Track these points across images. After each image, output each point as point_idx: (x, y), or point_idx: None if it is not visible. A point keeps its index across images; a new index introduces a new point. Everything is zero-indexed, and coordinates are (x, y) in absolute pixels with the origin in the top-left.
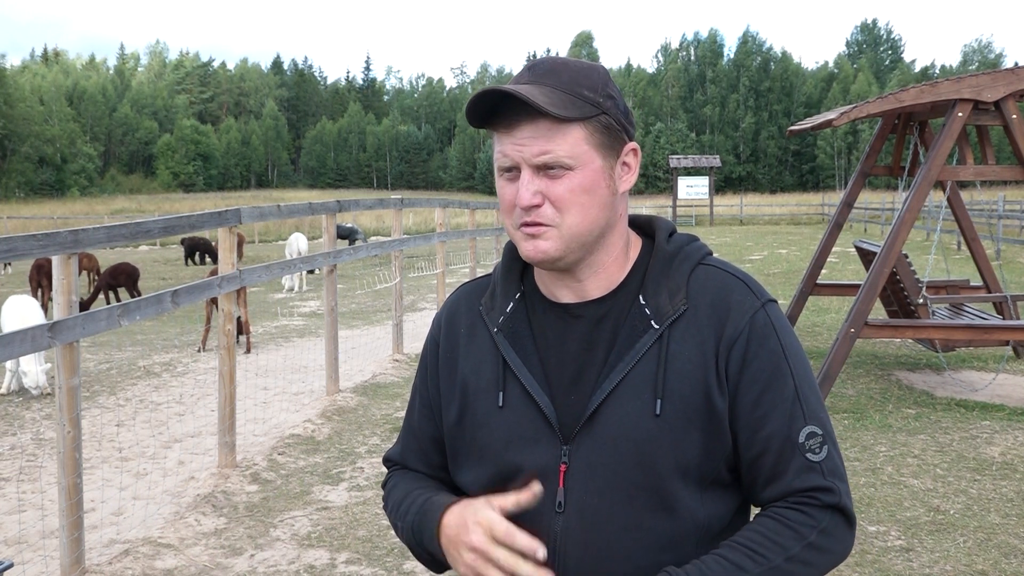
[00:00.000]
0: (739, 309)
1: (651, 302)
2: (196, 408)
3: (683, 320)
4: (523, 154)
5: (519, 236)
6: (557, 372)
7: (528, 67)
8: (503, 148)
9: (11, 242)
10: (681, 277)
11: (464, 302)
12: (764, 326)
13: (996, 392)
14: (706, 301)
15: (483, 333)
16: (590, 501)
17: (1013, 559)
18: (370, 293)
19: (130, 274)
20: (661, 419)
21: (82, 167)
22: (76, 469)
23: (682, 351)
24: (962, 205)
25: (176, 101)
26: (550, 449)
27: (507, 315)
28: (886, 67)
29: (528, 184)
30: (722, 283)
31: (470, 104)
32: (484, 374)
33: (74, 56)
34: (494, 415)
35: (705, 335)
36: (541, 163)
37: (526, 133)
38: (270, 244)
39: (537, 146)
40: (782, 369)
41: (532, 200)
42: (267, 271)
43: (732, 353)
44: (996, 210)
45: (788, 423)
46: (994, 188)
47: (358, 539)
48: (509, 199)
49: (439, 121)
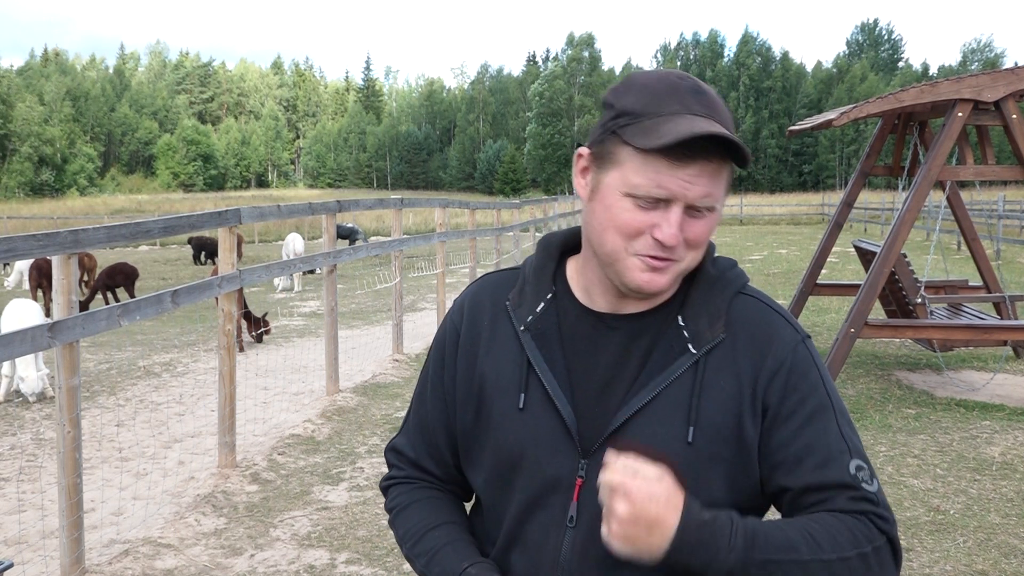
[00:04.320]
0: (781, 342)
1: (690, 325)
2: (196, 408)
3: (720, 348)
4: (687, 192)
5: (635, 264)
6: (583, 381)
7: (687, 90)
8: (661, 179)
9: (11, 242)
10: (722, 304)
11: (489, 293)
12: (805, 360)
13: (996, 392)
14: (746, 332)
15: (507, 329)
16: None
17: (1013, 559)
18: (370, 293)
19: (128, 274)
20: (692, 447)
21: (82, 167)
22: (76, 469)
23: (717, 380)
24: (962, 205)
25: (176, 101)
26: (567, 460)
27: (536, 315)
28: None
29: (678, 222)
30: (762, 316)
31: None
32: (505, 372)
33: (74, 56)
34: (513, 417)
35: (742, 366)
36: (699, 204)
37: (695, 171)
38: (270, 244)
39: (703, 187)
40: (824, 403)
41: (678, 239)
42: (267, 271)
43: (772, 384)
44: (996, 210)
45: (836, 457)
46: (994, 188)
47: (358, 539)
48: (636, 226)
49: (439, 121)
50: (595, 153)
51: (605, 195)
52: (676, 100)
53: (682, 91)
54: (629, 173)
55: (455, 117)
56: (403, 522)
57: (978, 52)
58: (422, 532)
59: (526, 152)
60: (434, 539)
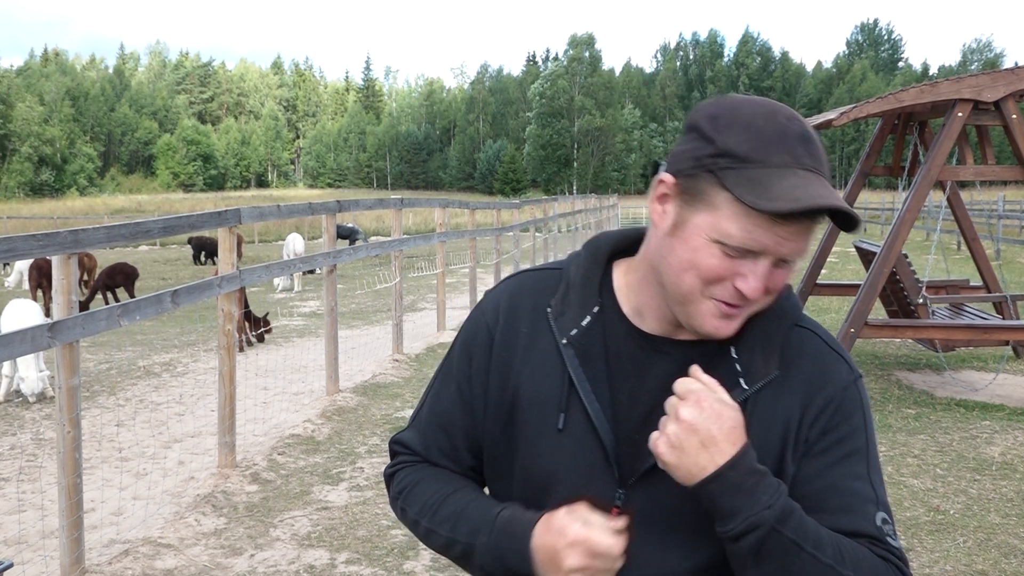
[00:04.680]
0: (834, 381)
1: (744, 358)
2: (196, 408)
3: (771, 384)
4: (783, 249)
5: (708, 309)
6: (626, 406)
7: (797, 138)
8: (758, 234)
9: (11, 242)
10: (777, 337)
11: (529, 295)
12: (853, 400)
13: (996, 392)
14: (800, 369)
15: (548, 340)
16: (637, 552)
17: (1013, 559)
18: (370, 293)
19: (128, 274)
20: None
21: (82, 167)
22: (76, 469)
23: (766, 415)
24: (962, 205)
25: (176, 101)
26: (603, 488)
27: (582, 328)
28: (887, 67)
29: (765, 275)
30: (818, 352)
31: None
32: (543, 387)
33: (74, 56)
34: (550, 436)
35: (792, 403)
36: (788, 259)
37: (794, 230)
38: (270, 244)
39: (798, 245)
40: (860, 448)
41: (761, 293)
42: (267, 271)
43: (817, 421)
44: (996, 210)
45: (862, 505)
46: (994, 188)
47: (358, 539)
48: (720, 273)
49: (439, 121)
50: (683, 186)
51: (691, 236)
52: (785, 149)
53: (791, 138)
54: (723, 220)
55: (455, 117)
56: (417, 498)
57: (978, 52)
58: (441, 499)
59: (525, 153)
60: (456, 502)
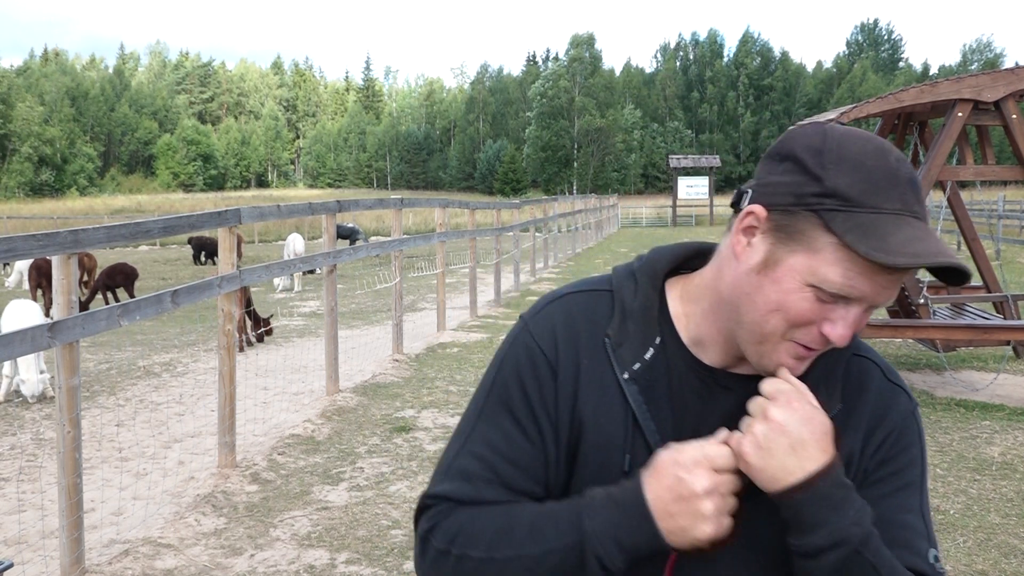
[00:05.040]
0: (896, 413)
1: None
2: (196, 408)
3: (835, 420)
4: (879, 298)
5: (786, 350)
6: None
7: (910, 183)
8: (858, 283)
9: (11, 242)
10: (839, 371)
11: (585, 325)
12: (912, 432)
13: (996, 392)
14: (863, 403)
15: (607, 373)
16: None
17: (1013, 559)
18: (370, 293)
19: (128, 275)
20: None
21: (82, 167)
22: (76, 469)
23: None
24: (962, 205)
25: (176, 101)
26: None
27: (645, 363)
28: (887, 67)
29: (856, 322)
30: (880, 385)
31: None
32: (606, 424)
33: (74, 56)
34: (614, 478)
35: (854, 437)
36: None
37: (895, 278)
38: (270, 244)
39: (894, 292)
40: (915, 481)
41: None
42: (267, 271)
43: (877, 452)
44: (996, 210)
45: (917, 542)
46: (994, 188)
47: (358, 539)
48: (808, 318)
49: (439, 121)
50: (778, 223)
51: (783, 276)
52: (897, 195)
53: (903, 183)
54: (824, 266)
55: (455, 117)
56: (480, 533)
57: (978, 52)
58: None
59: (525, 153)
60: (529, 514)
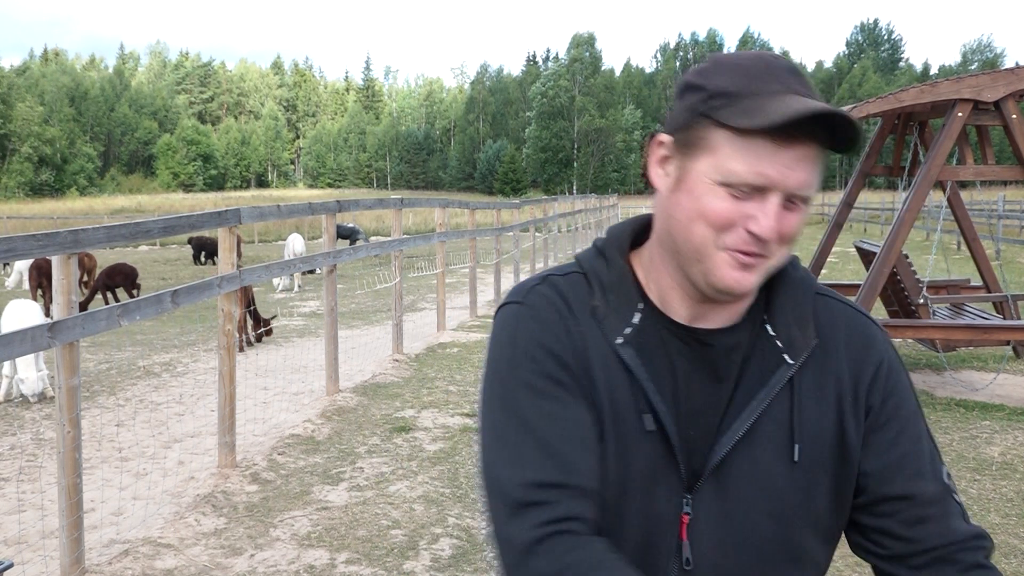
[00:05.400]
0: (878, 343)
1: (782, 333)
2: (196, 408)
3: (813, 356)
4: (788, 180)
5: (724, 261)
6: (679, 403)
7: (784, 69)
8: (761, 165)
9: (11, 242)
10: (807, 307)
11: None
12: (896, 361)
13: (996, 392)
14: (839, 336)
15: (599, 343)
16: (718, 559)
17: (1013, 559)
18: (370, 293)
19: (127, 275)
20: (798, 465)
21: (82, 167)
22: (76, 469)
23: (815, 389)
24: (962, 205)
25: (176, 101)
26: (672, 495)
27: (635, 327)
28: (887, 67)
29: (776, 213)
30: (852, 318)
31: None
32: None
33: (74, 56)
34: (641, 440)
35: (840, 370)
36: (797, 193)
37: (798, 155)
38: (270, 244)
39: (804, 173)
40: (915, 407)
41: (775, 232)
42: (267, 271)
43: (875, 385)
44: (996, 210)
45: (930, 467)
46: (994, 188)
47: (358, 539)
48: (730, 217)
49: (439, 121)
50: (680, 139)
51: (694, 184)
52: (775, 79)
53: (778, 70)
54: (724, 159)
55: (455, 117)
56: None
57: (978, 52)
58: None
59: (525, 153)
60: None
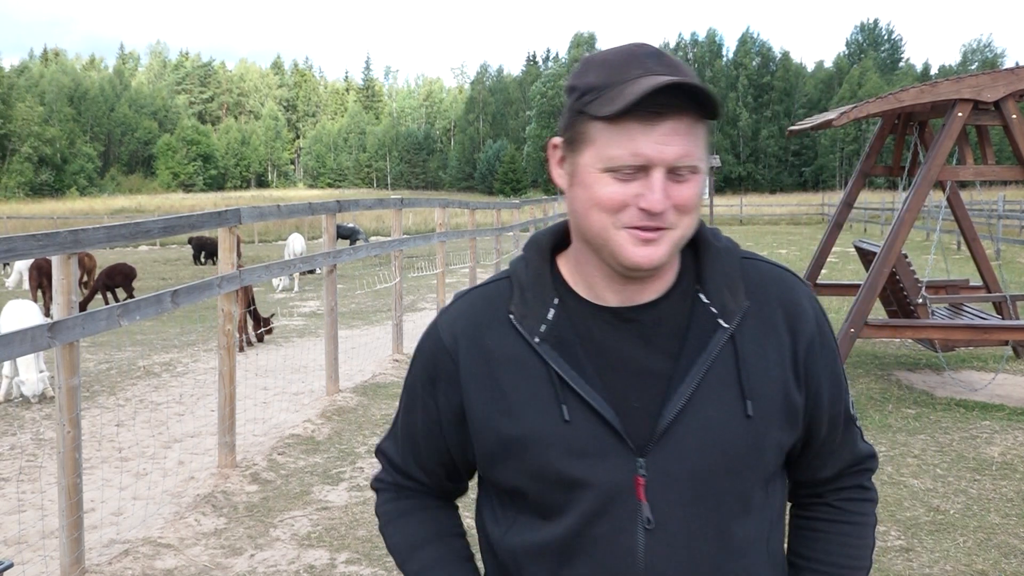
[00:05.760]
0: (806, 303)
1: (715, 300)
2: (196, 408)
3: (749, 317)
4: (664, 154)
5: (625, 239)
6: (614, 380)
7: (645, 54)
8: (635, 145)
9: (11, 242)
10: (735, 272)
11: (485, 312)
12: (821, 314)
13: (996, 392)
14: (771, 297)
15: (518, 346)
16: (678, 514)
17: (1013, 559)
18: (370, 293)
19: (127, 275)
20: (752, 420)
21: (82, 167)
22: (76, 469)
23: (756, 348)
24: (962, 205)
25: (176, 101)
26: (621, 463)
27: (549, 323)
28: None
29: (661, 186)
30: (779, 277)
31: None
32: (529, 389)
33: (74, 56)
34: (555, 430)
35: (778, 329)
36: (678, 165)
37: (667, 130)
38: (270, 244)
39: (679, 146)
40: (835, 352)
41: (665, 204)
42: (267, 271)
43: (811, 347)
44: (996, 210)
45: (844, 398)
46: (994, 188)
47: (358, 539)
48: (620, 199)
49: (439, 121)
50: (567, 139)
51: (583, 176)
52: (636, 66)
53: (640, 56)
54: (602, 147)
55: (455, 117)
56: (392, 534)
57: (978, 52)
58: (410, 549)
59: (525, 154)
60: (421, 559)
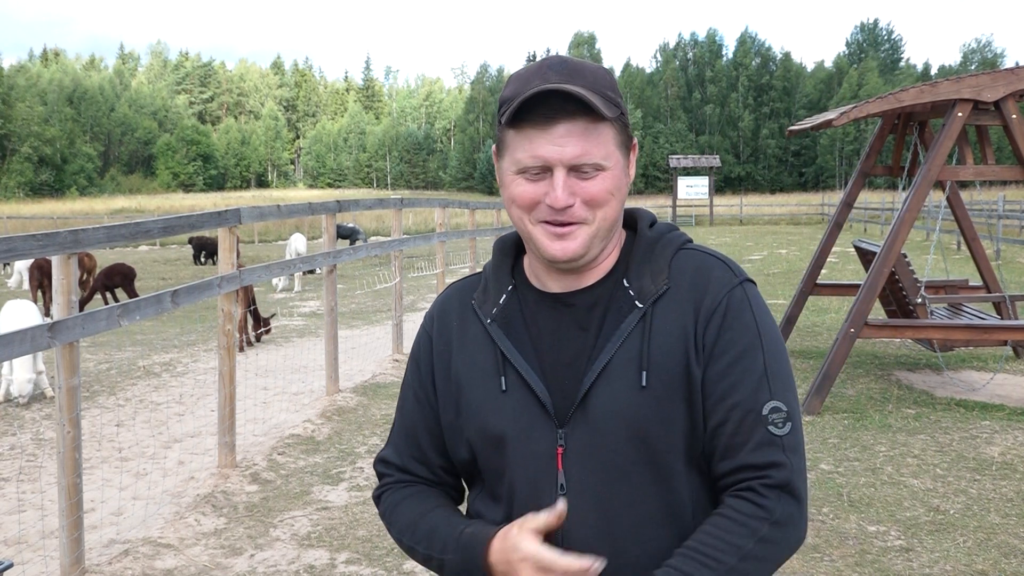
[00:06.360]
0: (718, 284)
1: (635, 284)
2: (196, 408)
3: (665, 298)
4: (561, 155)
5: (541, 234)
6: (551, 359)
7: (548, 66)
8: (535, 149)
9: (11, 242)
10: (664, 260)
11: (456, 298)
12: (740, 300)
13: (996, 392)
14: (687, 278)
15: (476, 326)
16: (589, 480)
17: (1013, 559)
18: (370, 293)
19: (126, 275)
20: (647, 391)
21: (82, 167)
22: (76, 469)
23: (663, 326)
24: (962, 205)
25: (176, 101)
26: (547, 434)
27: (500, 307)
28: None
29: (562, 184)
30: (702, 262)
31: (521, 102)
32: (480, 364)
33: (74, 56)
34: (496, 400)
35: (685, 308)
36: (578, 164)
37: (562, 132)
38: (270, 244)
39: (576, 146)
40: (754, 343)
41: (568, 201)
42: (267, 271)
43: (710, 324)
44: (996, 210)
45: (754, 395)
46: (994, 188)
47: (358, 539)
48: (531, 197)
49: (439, 121)
50: (496, 147)
51: (504, 179)
52: (538, 77)
53: (544, 68)
54: (513, 152)
55: (455, 117)
56: (398, 519)
57: (978, 52)
58: (417, 520)
59: None
60: (430, 521)
